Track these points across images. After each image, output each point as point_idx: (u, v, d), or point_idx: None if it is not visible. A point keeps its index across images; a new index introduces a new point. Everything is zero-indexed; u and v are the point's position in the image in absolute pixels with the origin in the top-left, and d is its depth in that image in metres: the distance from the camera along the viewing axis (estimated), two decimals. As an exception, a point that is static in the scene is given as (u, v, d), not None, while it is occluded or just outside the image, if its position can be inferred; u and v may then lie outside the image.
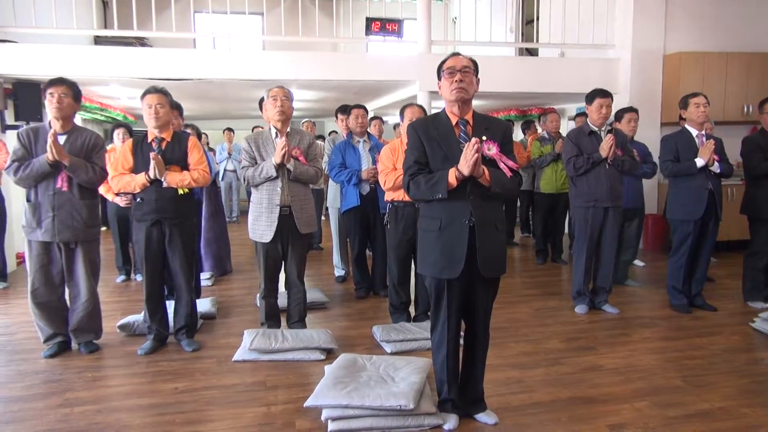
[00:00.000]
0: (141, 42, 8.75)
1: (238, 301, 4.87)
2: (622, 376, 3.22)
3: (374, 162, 4.66)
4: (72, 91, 3.42)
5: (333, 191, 5.38)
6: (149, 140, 3.56)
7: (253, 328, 3.87)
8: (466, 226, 2.45)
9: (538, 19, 7.87)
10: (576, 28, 6.96)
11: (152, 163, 3.41)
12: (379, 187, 4.27)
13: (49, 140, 3.24)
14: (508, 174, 2.45)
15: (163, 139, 3.56)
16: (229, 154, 9.47)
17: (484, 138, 2.40)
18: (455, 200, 2.44)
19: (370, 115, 10.83)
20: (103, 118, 8.69)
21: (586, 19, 6.95)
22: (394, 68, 6.53)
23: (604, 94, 4.28)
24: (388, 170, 3.90)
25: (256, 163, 3.71)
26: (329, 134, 10.68)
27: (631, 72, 6.87)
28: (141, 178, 3.49)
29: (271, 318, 3.91)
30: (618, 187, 4.33)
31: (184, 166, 3.59)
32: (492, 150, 2.42)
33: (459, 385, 2.70)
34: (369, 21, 6.30)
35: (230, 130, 9.69)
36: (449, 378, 2.64)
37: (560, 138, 5.94)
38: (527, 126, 6.90)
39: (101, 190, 4.24)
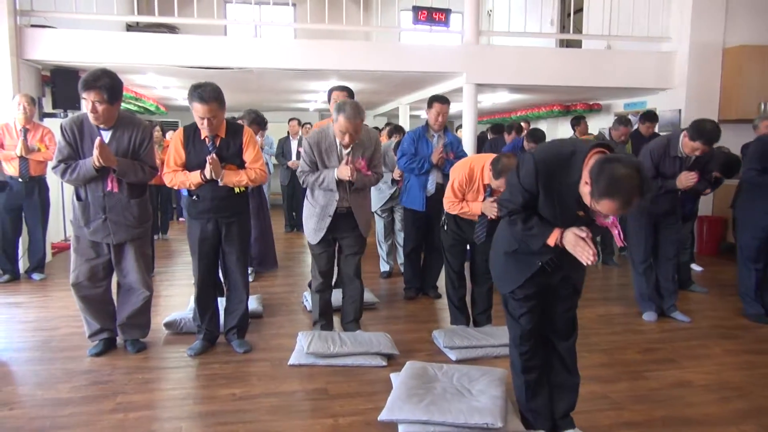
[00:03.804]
0: (171, 31, 8.59)
1: (283, 299, 4.68)
2: (716, 394, 2.95)
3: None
4: (106, 94, 3.07)
5: (376, 195, 5.15)
6: (202, 137, 3.31)
7: (302, 328, 3.67)
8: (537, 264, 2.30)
9: (583, 9, 7.56)
10: (628, 19, 6.65)
11: (208, 164, 3.20)
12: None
13: (95, 152, 3.03)
14: (619, 243, 2.18)
15: (216, 136, 3.32)
16: (261, 148, 9.29)
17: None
18: None
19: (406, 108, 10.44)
20: (135, 108, 8.55)
21: (640, 9, 6.63)
22: (440, 59, 6.26)
23: (709, 141, 3.76)
24: (456, 201, 3.62)
25: (316, 167, 3.48)
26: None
27: (688, 66, 6.52)
28: (196, 177, 3.25)
29: (325, 315, 3.69)
30: (677, 200, 4.08)
31: (240, 164, 3.35)
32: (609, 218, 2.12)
33: (545, 398, 2.48)
34: (416, 10, 6.03)
35: (261, 122, 9.50)
36: (529, 394, 2.45)
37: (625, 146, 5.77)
38: (577, 122, 6.60)
39: None
